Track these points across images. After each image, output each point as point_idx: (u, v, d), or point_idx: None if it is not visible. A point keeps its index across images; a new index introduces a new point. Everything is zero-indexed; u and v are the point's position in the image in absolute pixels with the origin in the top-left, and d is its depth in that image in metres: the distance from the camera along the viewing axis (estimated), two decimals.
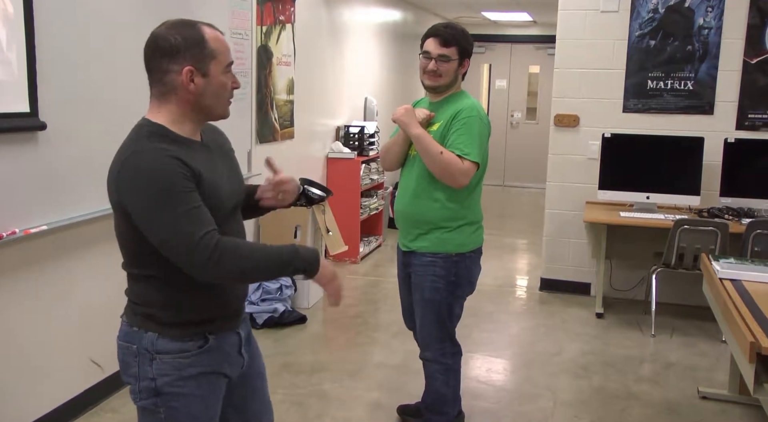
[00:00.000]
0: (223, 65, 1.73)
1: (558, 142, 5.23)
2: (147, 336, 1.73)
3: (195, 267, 1.62)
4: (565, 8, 5.10)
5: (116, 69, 3.22)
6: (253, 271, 1.68)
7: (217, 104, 1.77)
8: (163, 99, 1.72)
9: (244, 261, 1.65)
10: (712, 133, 4.79)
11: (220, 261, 1.60)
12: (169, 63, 1.67)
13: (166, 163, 1.61)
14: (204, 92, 1.71)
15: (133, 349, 1.74)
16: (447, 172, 2.62)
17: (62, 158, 2.94)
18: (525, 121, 10.94)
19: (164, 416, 1.76)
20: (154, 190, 1.60)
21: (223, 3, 4.08)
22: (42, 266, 2.96)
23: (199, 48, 1.68)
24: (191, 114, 1.74)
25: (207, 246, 1.59)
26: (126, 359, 1.77)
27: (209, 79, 1.71)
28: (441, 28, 2.70)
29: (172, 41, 1.67)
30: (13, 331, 2.84)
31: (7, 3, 2.60)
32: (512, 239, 7.38)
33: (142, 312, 1.75)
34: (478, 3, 8.26)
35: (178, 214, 1.60)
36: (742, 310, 2.53)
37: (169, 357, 1.73)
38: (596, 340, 4.38)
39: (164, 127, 1.70)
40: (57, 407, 3.09)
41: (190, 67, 1.67)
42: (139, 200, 1.62)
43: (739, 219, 4.45)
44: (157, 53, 1.69)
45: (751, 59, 4.77)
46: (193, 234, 1.59)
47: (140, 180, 1.61)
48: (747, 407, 3.47)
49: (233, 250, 1.63)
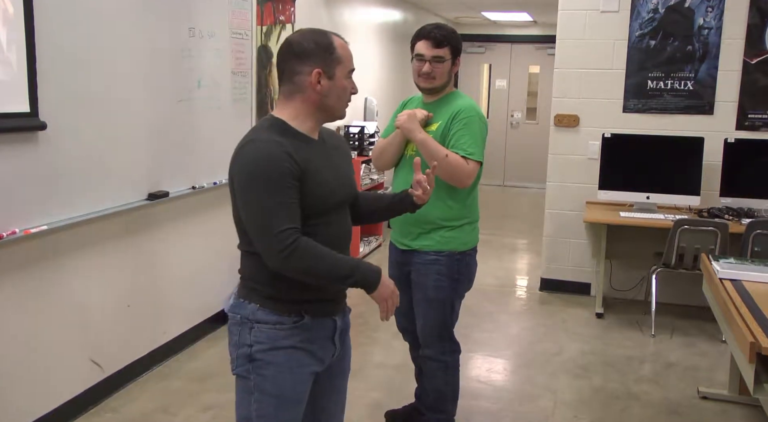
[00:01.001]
0: (347, 70, 1.90)
1: (558, 142, 5.23)
2: (249, 306, 1.89)
3: (266, 255, 1.78)
4: (565, 8, 5.10)
5: (116, 69, 3.22)
6: (316, 275, 1.82)
7: (337, 105, 1.92)
8: (290, 97, 1.89)
9: (311, 264, 1.79)
10: (712, 133, 4.79)
11: (289, 258, 1.75)
12: (301, 65, 1.85)
13: (275, 153, 1.77)
14: (329, 93, 1.88)
15: (237, 319, 1.91)
16: (453, 174, 2.63)
17: (62, 158, 2.94)
18: (525, 121, 10.94)
19: (254, 383, 1.89)
20: (255, 175, 1.77)
21: (223, 3, 4.08)
22: (42, 266, 2.96)
23: (327, 53, 1.86)
24: (314, 112, 1.90)
25: (281, 241, 1.74)
26: (231, 328, 1.93)
27: (334, 81, 1.87)
28: (431, 29, 2.71)
29: (305, 46, 1.86)
30: (13, 331, 2.84)
31: (7, 3, 2.60)
32: (512, 239, 7.38)
33: (248, 286, 1.93)
34: (478, 3, 8.26)
35: (269, 204, 1.76)
36: (742, 310, 2.53)
37: (267, 326, 1.87)
38: (596, 340, 4.38)
39: (284, 122, 1.87)
40: (57, 407, 3.09)
41: (319, 70, 1.84)
42: (241, 180, 1.80)
43: (739, 220, 4.45)
44: (290, 56, 1.87)
45: (751, 59, 4.77)
46: (272, 226, 1.75)
47: (248, 164, 1.79)
48: (747, 407, 3.47)
49: (304, 251, 1.77)
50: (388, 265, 2.98)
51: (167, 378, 3.66)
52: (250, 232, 1.83)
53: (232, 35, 4.20)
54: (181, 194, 3.81)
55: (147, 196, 3.51)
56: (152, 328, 3.75)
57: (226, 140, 4.24)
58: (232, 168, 1.85)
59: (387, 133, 2.91)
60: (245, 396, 1.92)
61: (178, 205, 3.87)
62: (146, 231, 3.63)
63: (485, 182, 2.96)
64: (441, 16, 9.87)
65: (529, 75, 10.89)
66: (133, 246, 3.54)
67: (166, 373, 3.71)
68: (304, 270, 1.79)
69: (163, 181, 3.63)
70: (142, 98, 3.42)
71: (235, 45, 4.25)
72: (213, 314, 4.31)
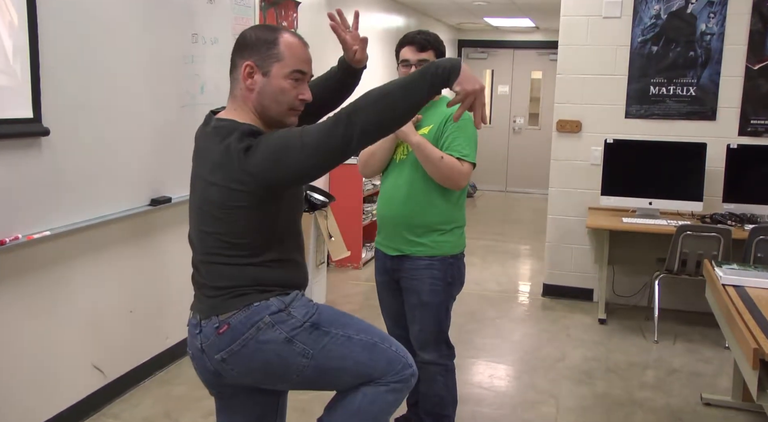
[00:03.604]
0: (288, 70, 1.77)
1: (560, 148, 5.23)
2: (271, 302, 1.80)
3: (337, 148, 1.67)
4: (568, 14, 5.10)
5: (119, 75, 3.23)
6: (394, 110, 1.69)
7: (274, 108, 1.80)
8: (232, 94, 1.82)
9: (376, 105, 1.68)
10: (714, 139, 4.79)
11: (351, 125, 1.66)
12: (239, 58, 1.78)
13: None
14: (262, 92, 1.77)
15: (265, 323, 1.78)
16: (449, 176, 2.66)
17: (65, 163, 2.95)
18: (527, 127, 10.94)
19: (341, 334, 1.85)
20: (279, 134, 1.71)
21: (226, 9, 4.09)
22: (45, 271, 2.96)
23: (266, 47, 1.75)
24: (254, 115, 1.81)
25: (337, 125, 1.67)
26: (266, 339, 1.79)
27: (269, 79, 1.75)
28: (414, 35, 2.75)
29: (248, 38, 1.78)
30: (16, 336, 2.84)
31: (11, 11, 2.62)
32: (515, 245, 7.37)
33: (251, 290, 1.81)
34: (480, 9, 8.28)
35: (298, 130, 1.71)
36: (745, 316, 2.52)
37: (297, 301, 1.84)
38: (599, 346, 4.37)
39: (256, 128, 1.78)
40: (59, 412, 3.09)
41: (250, 63, 1.74)
42: (268, 144, 1.69)
43: (741, 225, 4.45)
44: (235, 48, 1.81)
45: (753, 65, 4.77)
46: (325, 125, 1.68)
47: (264, 137, 1.70)
48: (750, 413, 3.45)
49: (355, 106, 1.69)
50: (375, 272, 2.97)
51: (169, 383, 3.65)
52: (313, 156, 1.68)
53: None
54: (184, 200, 3.80)
55: (149, 202, 3.52)
56: (155, 334, 3.75)
57: None
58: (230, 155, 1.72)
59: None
60: (345, 352, 1.84)
61: (180, 210, 3.87)
62: (149, 237, 3.63)
63: (487, 188, 2.97)
64: (444, 22, 9.90)
65: (531, 80, 10.90)
66: (136, 252, 3.55)
67: (169, 379, 3.71)
68: (376, 117, 1.67)
69: (166, 187, 3.63)
70: (145, 104, 3.43)
71: None
72: None
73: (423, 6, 8.38)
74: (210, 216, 1.81)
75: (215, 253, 1.83)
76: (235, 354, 1.80)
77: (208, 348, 1.83)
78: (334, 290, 5.29)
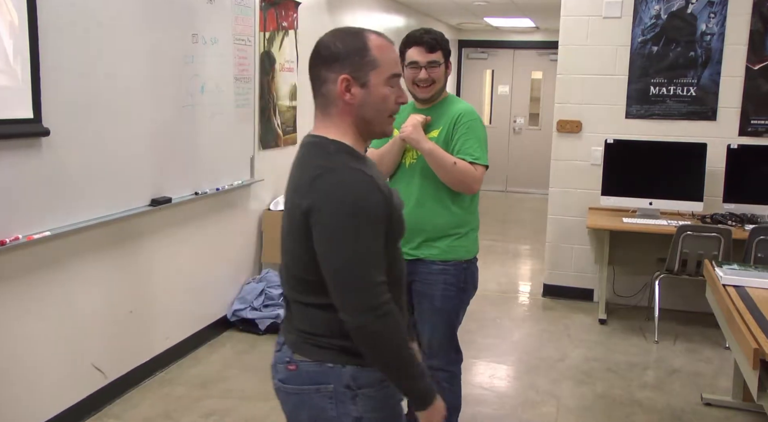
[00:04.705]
0: (386, 76, 1.58)
1: (561, 148, 5.23)
2: (346, 370, 1.56)
3: (354, 310, 1.48)
4: (568, 14, 5.10)
5: (120, 75, 3.23)
6: (389, 351, 1.51)
7: (377, 119, 1.60)
8: (325, 112, 1.61)
9: (394, 335, 1.50)
10: (714, 139, 4.79)
11: (381, 319, 1.48)
12: (327, 71, 1.57)
13: (368, 187, 1.50)
14: (363, 105, 1.57)
15: (328, 390, 1.57)
16: (463, 181, 2.61)
17: (65, 164, 2.95)
18: (528, 127, 10.94)
19: None
20: (350, 213, 1.47)
21: (226, 9, 4.09)
22: (45, 272, 2.96)
23: (358, 56, 1.56)
24: (355, 129, 1.60)
25: (377, 296, 1.48)
26: (317, 403, 1.58)
27: (368, 90, 1.57)
28: (422, 34, 2.66)
29: (332, 49, 1.57)
30: (16, 337, 2.84)
31: (12, 13, 2.61)
32: (515, 245, 7.37)
33: (332, 345, 1.57)
34: (480, 9, 8.28)
35: (366, 249, 1.48)
36: (745, 317, 2.52)
37: (373, 390, 1.58)
38: (599, 346, 4.37)
39: (348, 145, 1.57)
40: (59, 413, 3.09)
41: (346, 76, 1.55)
42: (331, 219, 1.47)
43: (742, 226, 4.44)
44: (317, 61, 1.60)
45: (753, 65, 4.77)
46: (372, 276, 1.48)
47: (339, 200, 1.47)
48: (751, 414, 3.45)
49: (395, 317, 1.50)
50: None
51: (169, 384, 3.65)
52: (336, 281, 1.49)
53: (235, 41, 4.21)
54: (184, 200, 3.81)
55: (150, 202, 3.51)
56: (154, 334, 3.75)
57: (229, 146, 4.26)
58: (307, 201, 1.50)
59: (379, 142, 2.88)
60: None
61: (180, 211, 3.87)
62: (149, 238, 3.63)
63: (488, 188, 2.96)
64: (444, 22, 9.89)
65: (531, 81, 10.90)
66: (136, 252, 3.55)
67: (169, 379, 3.71)
68: (387, 340, 1.49)
69: (166, 187, 3.63)
70: (145, 104, 3.43)
71: (238, 51, 4.26)
72: (215, 320, 4.31)
73: (423, 6, 8.37)
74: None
75: (296, 290, 1.63)
76: (288, 393, 1.66)
77: (276, 369, 1.70)
78: None
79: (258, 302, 4.39)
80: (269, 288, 4.46)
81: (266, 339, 4.26)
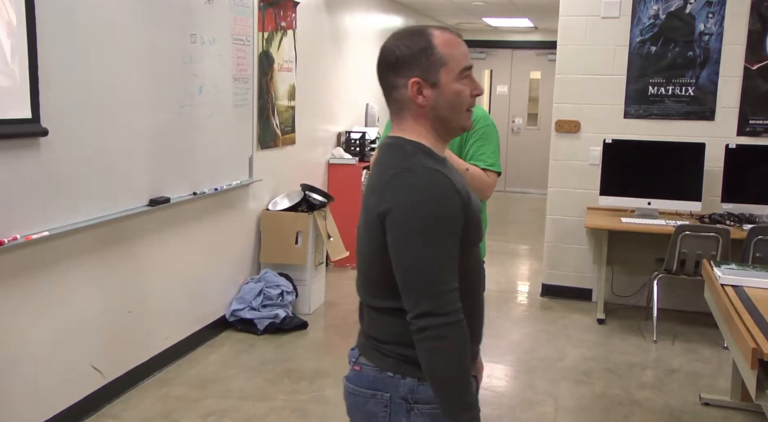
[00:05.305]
0: (457, 71, 1.53)
1: (559, 148, 5.24)
2: (405, 382, 1.52)
3: (422, 313, 1.42)
4: (566, 14, 5.10)
5: (118, 75, 3.23)
6: (449, 366, 1.44)
7: (453, 116, 1.56)
8: (399, 116, 1.57)
9: (460, 348, 1.44)
10: (713, 139, 4.79)
11: (451, 327, 1.42)
12: (396, 77, 1.53)
13: (446, 189, 1.46)
14: (437, 105, 1.53)
15: (383, 398, 1.55)
16: (476, 188, 2.57)
17: (64, 164, 2.95)
18: (526, 127, 10.95)
19: None
20: (426, 215, 1.43)
21: (224, 9, 4.09)
22: (43, 272, 2.96)
23: (425, 56, 1.51)
24: (432, 130, 1.56)
25: (451, 303, 1.42)
26: (371, 409, 1.57)
27: (440, 89, 1.52)
28: None
29: (398, 52, 1.52)
30: (14, 336, 2.84)
31: (10, 13, 2.61)
32: (514, 245, 7.38)
33: (395, 353, 1.53)
34: (479, 9, 8.28)
35: (442, 253, 1.43)
36: (743, 316, 2.52)
37: (429, 407, 1.52)
38: (598, 346, 4.37)
39: (427, 146, 1.54)
40: (57, 413, 3.08)
41: (417, 79, 1.51)
42: (406, 220, 1.44)
43: (740, 225, 4.45)
44: (384, 67, 1.56)
45: (752, 65, 4.77)
46: (446, 282, 1.43)
47: (416, 201, 1.44)
48: (749, 413, 3.45)
49: (464, 327, 1.44)
50: None
51: (168, 384, 3.65)
52: (404, 280, 1.45)
53: (233, 41, 4.21)
54: (183, 200, 3.81)
55: (148, 202, 3.51)
56: (153, 334, 3.75)
57: (228, 146, 4.25)
58: (383, 203, 1.46)
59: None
60: None
61: (179, 210, 3.87)
62: (147, 238, 3.63)
63: None
64: (442, 22, 9.90)
65: (530, 81, 10.91)
66: (134, 253, 3.54)
67: (167, 379, 3.71)
68: (446, 349, 1.42)
69: (165, 187, 3.63)
70: (144, 104, 3.43)
71: (237, 51, 4.25)
72: (214, 320, 4.31)
73: (422, 6, 8.38)
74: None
75: (367, 293, 1.60)
76: (348, 392, 1.65)
77: (349, 364, 1.70)
78: (333, 290, 5.29)
79: (256, 302, 4.39)
80: (268, 288, 4.45)
81: (265, 339, 4.26)
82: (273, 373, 3.81)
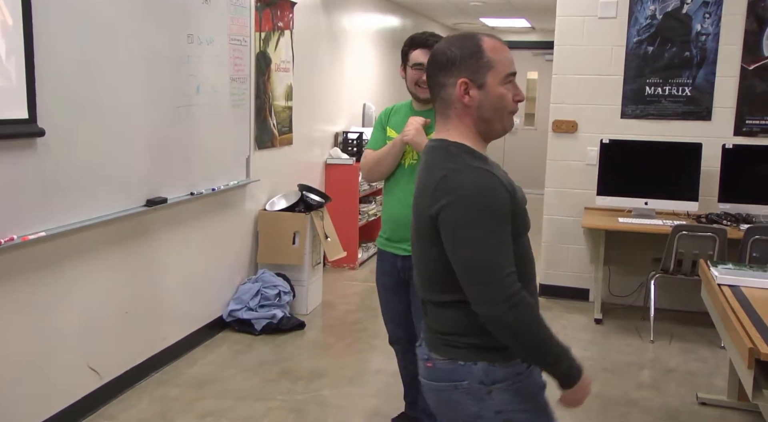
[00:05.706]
0: (502, 76, 1.64)
1: (556, 148, 5.24)
2: (478, 367, 1.63)
3: (487, 301, 1.53)
4: (563, 14, 5.11)
5: (115, 75, 3.22)
6: (529, 338, 1.57)
7: (496, 117, 1.65)
8: (445, 115, 1.67)
9: (530, 321, 1.56)
10: (710, 139, 4.80)
11: (515, 308, 1.52)
12: (445, 76, 1.64)
13: (493, 184, 1.56)
14: (482, 105, 1.63)
15: (463, 386, 1.64)
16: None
17: (60, 164, 2.94)
18: (523, 127, 10.95)
19: None
20: (479, 208, 1.53)
21: (222, 9, 4.09)
22: (40, 273, 2.96)
23: (474, 58, 1.62)
24: (475, 130, 1.66)
25: (510, 286, 1.52)
26: (456, 398, 1.65)
27: (486, 90, 1.62)
28: (427, 37, 2.73)
29: (448, 54, 1.63)
30: (11, 338, 2.84)
31: (5, 12, 2.61)
32: None
33: (461, 343, 1.64)
34: (476, 9, 8.28)
35: (495, 242, 1.53)
36: (740, 316, 2.53)
37: (506, 384, 1.63)
38: (595, 346, 4.38)
39: (469, 147, 1.63)
40: (54, 414, 3.08)
41: (465, 79, 1.61)
42: (460, 215, 1.54)
43: (737, 225, 4.46)
44: (434, 68, 1.66)
45: (748, 65, 4.78)
46: (502, 267, 1.53)
47: (468, 196, 1.54)
48: (746, 413, 3.46)
49: (528, 304, 1.55)
50: (379, 273, 2.97)
51: (165, 384, 3.65)
52: (464, 273, 1.55)
53: (230, 42, 4.20)
54: (180, 200, 3.80)
55: (145, 202, 3.51)
56: (150, 335, 3.75)
57: (225, 146, 4.25)
58: (435, 203, 1.57)
59: (376, 143, 2.88)
60: None
61: (176, 211, 3.86)
62: (144, 238, 3.63)
63: None
64: (439, 23, 9.90)
65: (527, 81, 10.91)
66: (132, 253, 3.54)
67: (165, 380, 3.70)
68: (522, 327, 1.55)
69: (162, 188, 3.63)
70: (141, 104, 3.43)
71: (234, 51, 4.25)
72: (211, 320, 4.30)
73: (419, 6, 8.38)
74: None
75: (428, 290, 1.70)
76: (430, 390, 1.72)
77: (420, 366, 1.76)
78: (331, 291, 5.28)
79: (254, 302, 4.39)
80: (265, 289, 4.45)
81: (262, 339, 4.26)
82: (270, 373, 3.81)
